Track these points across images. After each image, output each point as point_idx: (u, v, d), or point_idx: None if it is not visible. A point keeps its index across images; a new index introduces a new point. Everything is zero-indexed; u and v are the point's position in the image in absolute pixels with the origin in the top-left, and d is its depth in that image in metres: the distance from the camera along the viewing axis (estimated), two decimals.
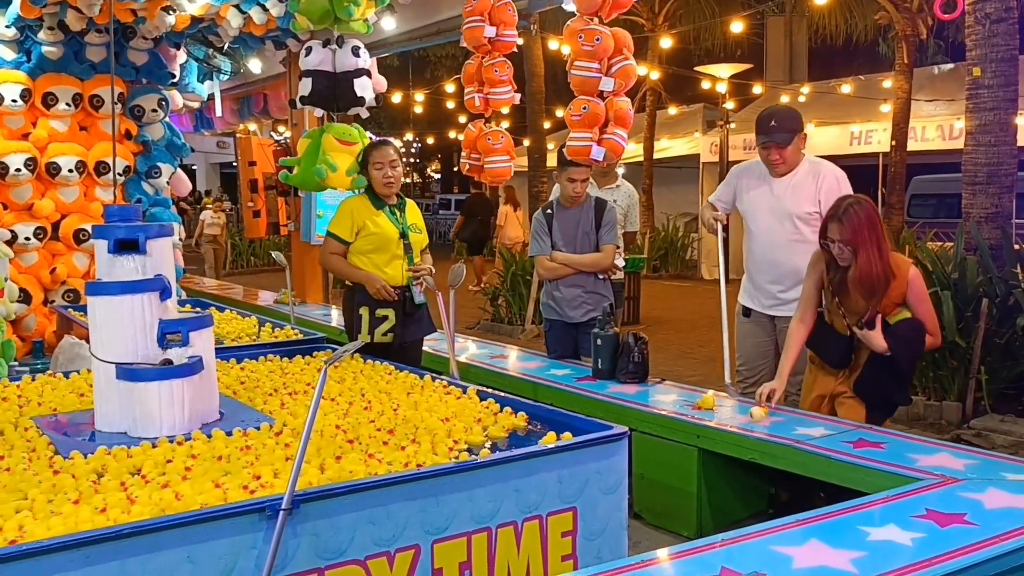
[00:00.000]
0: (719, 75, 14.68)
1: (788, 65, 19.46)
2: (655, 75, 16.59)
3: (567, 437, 2.59)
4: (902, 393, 3.71)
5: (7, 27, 5.70)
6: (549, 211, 4.87)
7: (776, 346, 4.20)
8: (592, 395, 4.16)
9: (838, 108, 15.09)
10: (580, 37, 4.44)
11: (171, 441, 2.62)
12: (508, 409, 2.99)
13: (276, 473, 2.29)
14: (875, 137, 14.02)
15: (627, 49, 4.57)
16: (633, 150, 16.29)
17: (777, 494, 3.89)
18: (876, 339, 3.49)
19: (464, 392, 3.27)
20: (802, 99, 15.82)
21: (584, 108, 4.48)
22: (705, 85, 16.34)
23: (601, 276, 4.76)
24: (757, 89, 17.17)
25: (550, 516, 2.50)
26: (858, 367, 3.63)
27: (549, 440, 2.58)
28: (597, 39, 4.40)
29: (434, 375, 3.60)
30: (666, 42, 15.18)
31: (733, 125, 14.52)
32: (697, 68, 16.44)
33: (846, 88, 15.47)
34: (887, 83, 14.01)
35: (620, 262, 4.85)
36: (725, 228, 4.44)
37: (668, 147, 17.54)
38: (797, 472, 3.33)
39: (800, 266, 4.00)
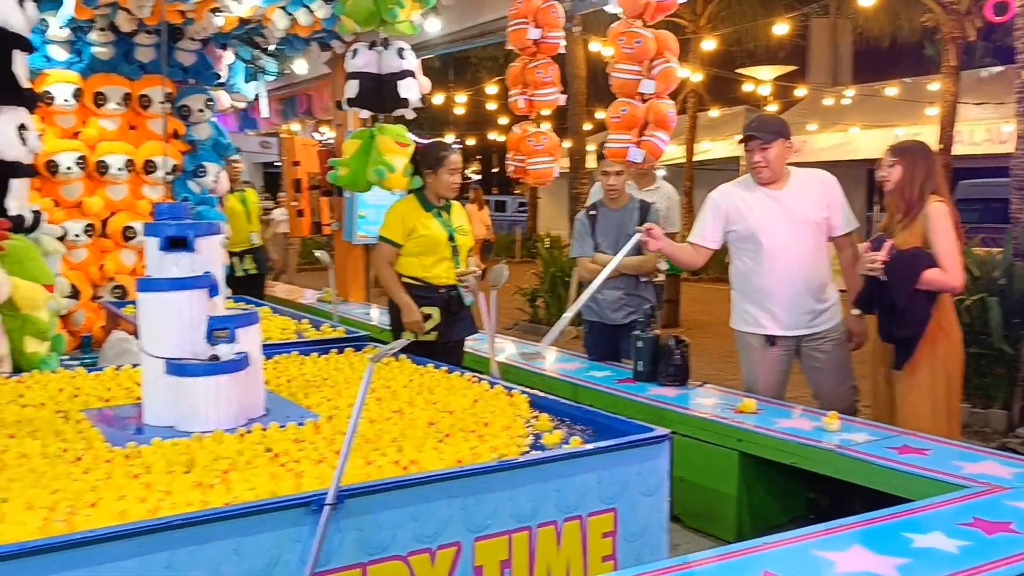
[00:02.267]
0: (761, 77, 14.57)
1: (832, 67, 19.24)
2: (697, 77, 16.47)
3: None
4: (902, 328, 3.65)
5: (60, 28, 5.83)
6: (592, 212, 4.86)
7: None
8: (633, 397, 4.15)
9: (883, 111, 14.89)
10: (621, 40, 4.44)
11: (216, 435, 2.66)
12: (545, 415, 3.00)
13: (321, 468, 2.32)
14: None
15: (669, 51, 4.55)
16: (674, 152, 16.21)
17: (818, 499, 3.85)
18: (871, 258, 3.58)
19: (508, 392, 3.27)
20: (846, 102, 15.65)
21: (623, 110, 4.48)
22: (747, 87, 16.23)
23: (643, 279, 4.74)
24: (800, 92, 17.00)
25: (590, 517, 2.50)
26: None
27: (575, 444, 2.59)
28: (637, 42, 4.40)
29: (475, 375, 3.61)
30: (708, 44, 15.06)
31: None
32: (739, 70, 16.33)
33: (891, 91, 15.25)
34: (933, 86, 13.79)
35: (663, 265, 4.81)
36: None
37: (709, 149, 17.43)
38: (839, 477, 3.30)
39: (827, 275, 4.01)
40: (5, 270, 3.76)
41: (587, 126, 16.80)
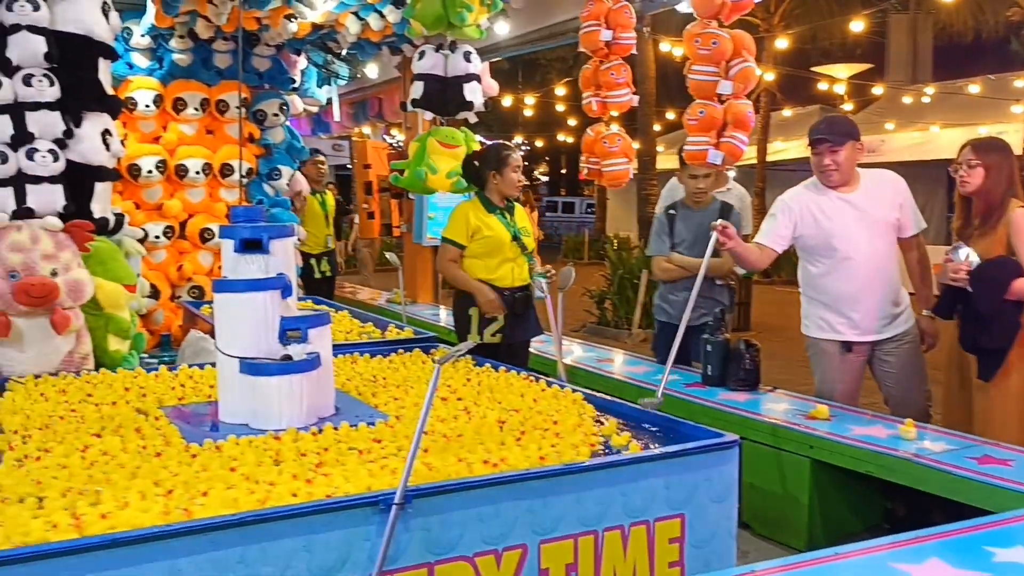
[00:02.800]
0: (837, 76, 14.26)
1: (911, 64, 18.69)
2: (770, 76, 16.20)
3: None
4: (990, 338, 3.52)
5: (142, 36, 6.02)
6: (672, 211, 4.82)
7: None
8: (701, 402, 4.10)
9: (965, 109, 14.41)
10: (697, 41, 4.39)
11: (289, 434, 2.71)
12: (614, 419, 2.98)
13: (389, 468, 2.35)
14: (1005, 139, 13.32)
15: (746, 51, 4.49)
16: (746, 153, 15.96)
17: (894, 509, 3.75)
18: (955, 268, 3.48)
19: (575, 394, 3.26)
20: (926, 100, 15.20)
21: (701, 112, 4.43)
22: (822, 86, 15.90)
23: (719, 281, 4.68)
24: (878, 90, 16.57)
25: (657, 522, 2.48)
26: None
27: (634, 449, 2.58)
28: (714, 43, 4.34)
29: (542, 377, 3.61)
30: (782, 43, 14.80)
31: None
32: (814, 68, 16.00)
33: (974, 88, 14.75)
34: (1019, 82, 13.29)
35: (740, 269, 4.75)
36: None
37: (782, 149, 17.10)
38: (916, 487, 3.21)
39: (899, 277, 3.92)
40: (89, 271, 3.90)
41: (656, 127, 16.67)
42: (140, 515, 2.00)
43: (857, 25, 13.52)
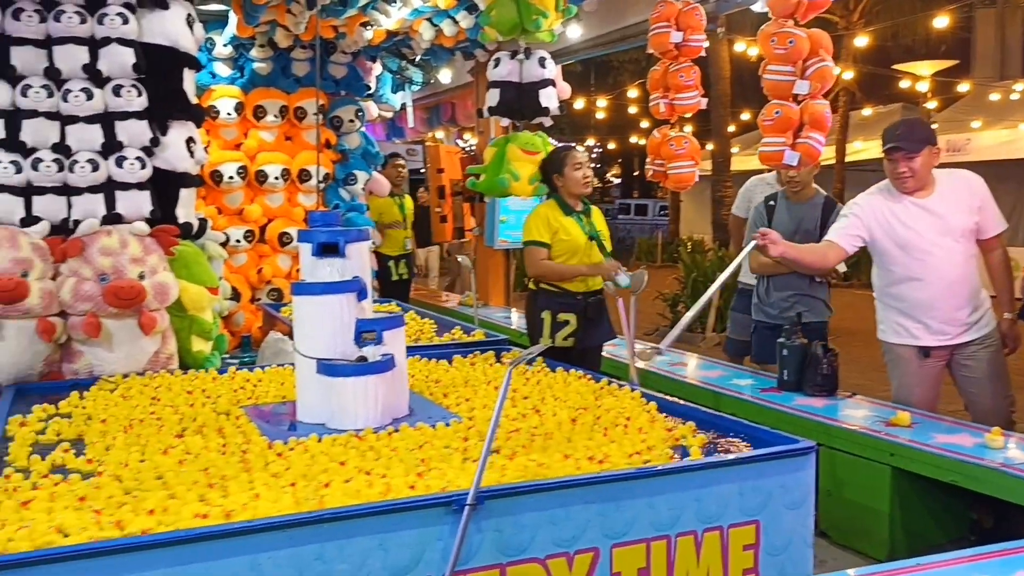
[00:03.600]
0: (920, 73, 13.84)
1: (999, 60, 18.02)
2: (849, 75, 15.82)
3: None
4: None
5: (224, 46, 6.21)
6: (771, 202, 4.75)
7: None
8: (777, 407, 4.04)
9: None
10: (773, 40, 4.32)
11: (365, 434, 2.76)
12: (691, 423, 2.96)
13: (462, 469, 2.37)
14: None
15: (824, 50, 4.40)
16: (824, 153, 15.63)
17: (980, 520, 3.63)
18: None
19: (647, 400, 3.24)
20: (1015, 96, 14.64)
21: (776, 112, 4.35)
22: (904, 84, 15.45)
23: (817, 278, 4.57)
24: (963, 87, 16.02)
25: (731, 528, 2.44)
26: None
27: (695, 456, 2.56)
28: (790, 42, 4.26)
29: (614, 380, 3.60)
30: (861, 40, 14.43)
31: (936, 125, 13.61)
32: (895, 66, 15.58)
33: None
34: None
35: (842, 267, 4.57)
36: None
37: (862, 149, 16.68)
38: (1003, 498, 3.09)
39: (979, 280, 3.78)
40: (174, 274, 4.04)
41: (731, 128, 16.44)
42: (271, 504, 2.11)
43: (941, 21, 13.10)
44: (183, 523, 2.01)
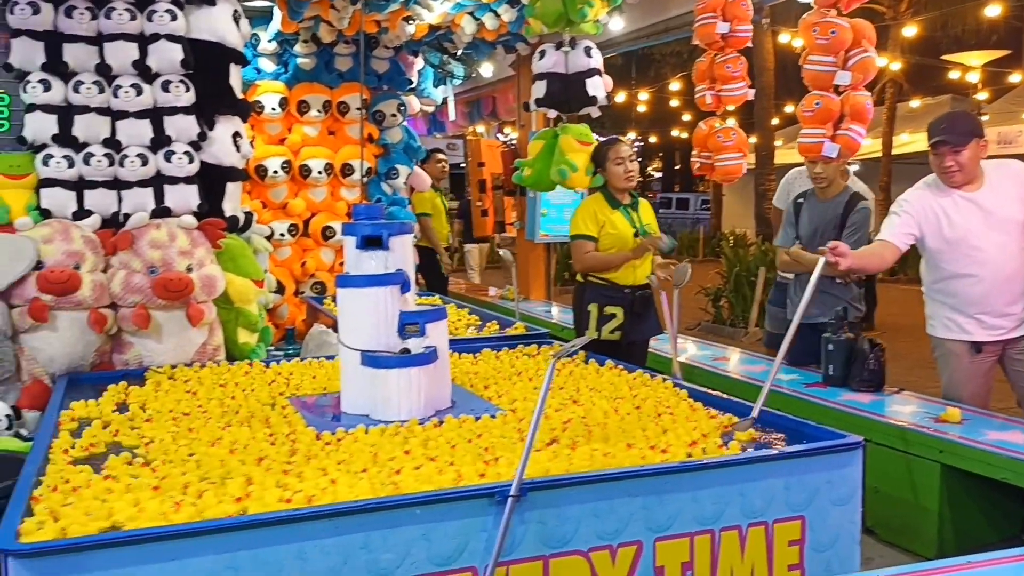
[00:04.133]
0: (970, 63, 13.55)
1: None
2: (896, 66, 15.53)
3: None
4: None
5: (269, 42, 6.27)
6: (800, 200, 4.69)
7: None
8: (823, 402, 3.99)
9: None
10: (815, 31, 4.26)
11: (409, 425, 2.78)
12: (728, 414, 2.94)
13: (505, 461, 2.38)
14: None
15: (867, 41, 4.32)
16: (869, 145, 15.35)
17: None
18: None
19: (690, 394, 3.22)
20: None
21: (817, 104, 4.29)
22: (954, 75, 15.15)
23: (838, 279, 4.50)
24: (1015, 77, 15.65)
25: (776, 523, 2.42)
26: None
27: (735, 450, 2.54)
28: (832, 32, 4.20)
29: (657, 375, 3.58)
30: (909, 30, 14.16)
31: (987, 117, 13.31)
32: (944, 56, 15.27)
33: None
34: None
35: None
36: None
37: (909, 142, 16.36)
38: None
39: None
40: (221, 267, 4.10)
41: (774, 120, 16.24)
42: (349, 489, 2.15)
43: (993, 9, 12.80)
44: (269, 508, 2.05)
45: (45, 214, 3.99)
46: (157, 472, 2.33)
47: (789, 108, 18.88)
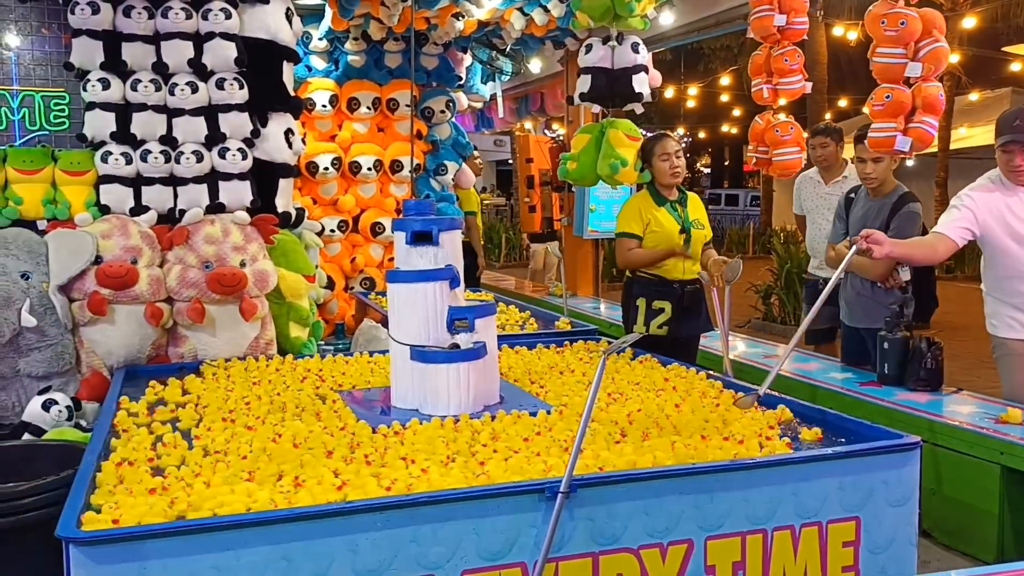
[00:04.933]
0: None
1: None
2: (954, 58, 15.15)
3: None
4: None
5: (320, 39, 6.33)
6: (851, 195, 4.61)
7: None
8: (878, 402, 3.91)
9: None
10: (883, 22, 4.16)
11: (457, 420, 2.79)
12: (782, 407, 2.91)
13: (555, 457, 2.37)
14: None
15: (937, 31, 4.21)
16: (935, 138, 15.01)
17: None
18: None
19: (739, 392, 3.18)
20: None
21: (887, 96, 4.18)
22: (1015, 67, 14.73)
23: (879, 285, 4.38)
24: None
25: (830, 524, 2.38)
26: None
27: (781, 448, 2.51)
28: (902, 23, 4.10)
29: (707, 372, 3.54)
30: (968, 22, 13.80)
31: None
32: (1005, 48, 14.87)
33: None
34: None
35: (905, 275, 4.34)
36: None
37: (967, 136, 15.95)
38: None
39: None
40: (273, 262, 4.15)
41: (827, 115, 15.96)
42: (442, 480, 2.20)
43: None
44: (370, 495, 2.11)
45: (104, 210, 4.08)
46: (224, 462, 2.37)
47: (843, 102, 18.57)
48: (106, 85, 4.08)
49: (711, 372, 3.42)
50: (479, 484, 2.18)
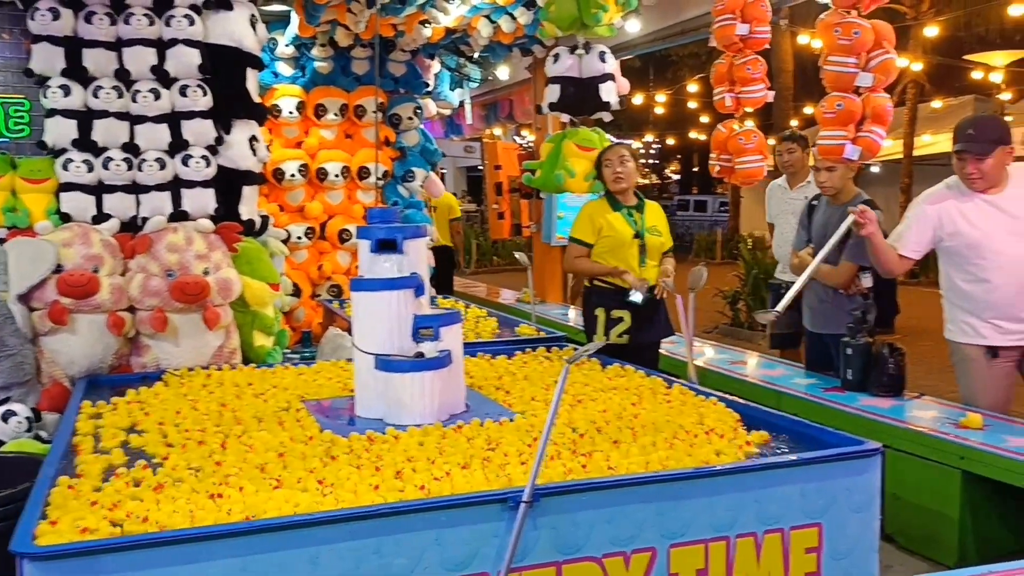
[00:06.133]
0: (993, 63, 13.38)
1: None
2: (918, 66, 15.38)
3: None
4: None
5: (286, 46, 6.30)
6: (814, 202, 4.66)
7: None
8: (841, 407, 3.95)
9: None
10: (836, 31, 4.21)
11: (422, 430, 2.78)
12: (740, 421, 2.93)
13: (518, 466, 2.37)
14: None
15: (887, 42, 4.27)
16: (890, 147, 15.21)
17: None
18: None
19: (705, 399, 3.20)
20: None
21: (838, 105, 4.24)
22: (976, 75, 14.99)
23: (841, 291, 4.43)
24: None
25: (793, 531, 2.40)
26: None
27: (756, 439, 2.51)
28: (855, 32, 4.15)
29: (671, 379, 3.55)
30: (931, 30, 14.02)
31: (1010, 118, 13.15)
32: (967, 56, 15.12)
33: None
34: None
35: (867, 282, 4.37)
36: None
37: (931, 143, 16.18)
38: None
39: None
40: (237, 270, 4.11)
41: (793, 122, 16.14)
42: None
43: (1017, 8, 12.64)
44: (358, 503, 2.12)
45: (65, 218, 4.03)
46: (174, 475, 2.34)
47: (808, 110, 18.77)
48: (67, 92, 4.03)
49: (697, 387, 3.41)
50: (442, 494, 2.17)
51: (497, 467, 2.37)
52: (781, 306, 3.93)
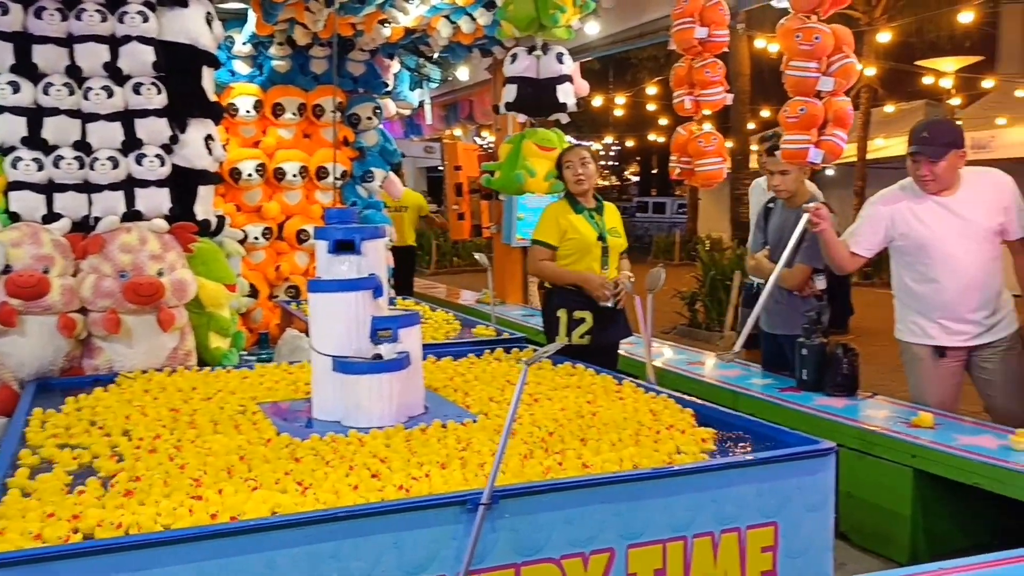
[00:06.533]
0: (944, 69, 13.67)
1: None
2: (871, 71, 15.65)
3: None
4: None
5: (243, 44, 6.22)
6: (770, 205, 4.70)
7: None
8: (796, 407, 4.00)
9: None
10: (797, 36, 4.26)
11: (380, 432, 2.76)
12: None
13: (477, 468, 2.36)
14: None
15: (847, 46, 4.33)
16: (844, 150, 15.47)
17: (1008, 525, 3.57)
18: None
19: (656, 395, 3.22)
20: None
21: (801, 109, 4.28)
22: (928, 80, 15.29)
23: (797, 293, 4.48)
24: (988, 83, 15.81)
25: (749, 530, 2.42)
26: None
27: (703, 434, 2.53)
28: (816, 38, 4.19)
29: (630, 379, 3.57)
30: (884, 36, 14.27)
31: (960, 122, 13.43)
32: (919, 62, 15.43)
33: None
34: None
35: (821, 284, 4.42)
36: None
37: (884, 147, 16.50)
38: None
39: (1001, 282, 3.72)
40: (193, 271, 4.05)
41: (750, 125, 16.33)
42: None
43: (966, 16, 12.94)
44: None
45: (14, 217, 3.94)
46: (127, 476, 2.30)
47: (765, 113, 19.02)
48: (16, 88, 3.94)
49: (655, 387, 3.42)
50: (400, 497, 2.15)
51: (456, 469, 2.36)
52: (738, 345, 4.17)
